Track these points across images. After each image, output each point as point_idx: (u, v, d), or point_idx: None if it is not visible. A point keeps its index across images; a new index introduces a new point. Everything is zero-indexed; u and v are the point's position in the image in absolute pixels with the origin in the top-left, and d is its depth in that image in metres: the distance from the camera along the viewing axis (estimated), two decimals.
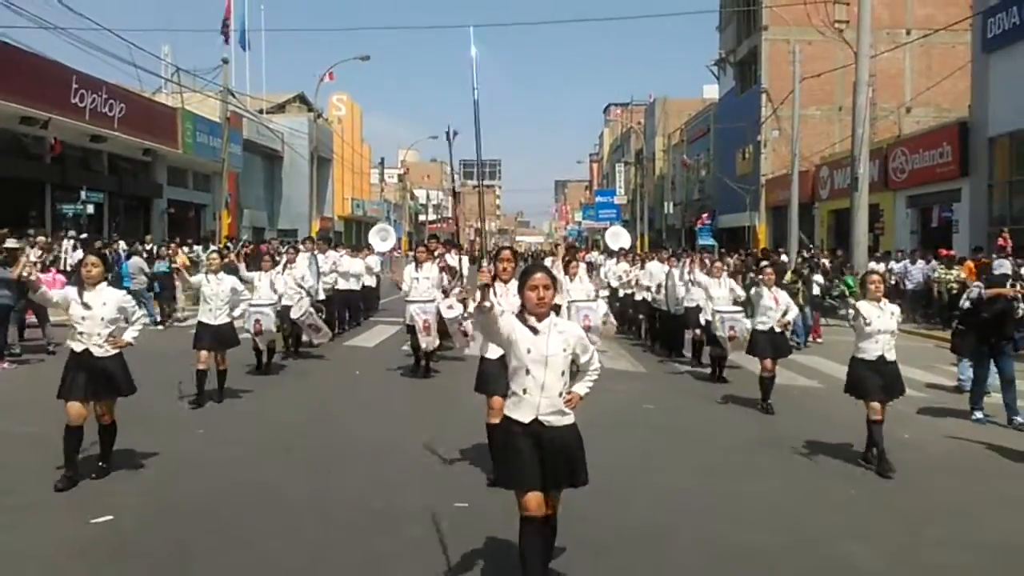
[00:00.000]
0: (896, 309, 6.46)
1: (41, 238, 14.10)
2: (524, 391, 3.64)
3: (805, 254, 19.75)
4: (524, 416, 3.63)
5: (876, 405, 6.20)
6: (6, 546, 4.39)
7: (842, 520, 5.16)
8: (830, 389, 9.73)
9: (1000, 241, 14.88)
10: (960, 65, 22.37)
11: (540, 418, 3.62)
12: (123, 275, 14.21)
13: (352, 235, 45.84)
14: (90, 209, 19.88)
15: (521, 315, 3.70)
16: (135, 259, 14.98)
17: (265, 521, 4.82)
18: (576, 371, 3.80)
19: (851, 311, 6.41)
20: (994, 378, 8.25)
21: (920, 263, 17.67)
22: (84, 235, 17.36)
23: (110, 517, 4.77)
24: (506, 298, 5.04)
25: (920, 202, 22.95)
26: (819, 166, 28.86)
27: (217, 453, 6.36)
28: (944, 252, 17.72)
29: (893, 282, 16.50)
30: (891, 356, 6.29)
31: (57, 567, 4.21)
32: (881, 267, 16.68)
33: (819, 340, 14.10)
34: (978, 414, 8.13)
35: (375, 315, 16.51)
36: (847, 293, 13.71)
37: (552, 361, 3.62)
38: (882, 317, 6.26)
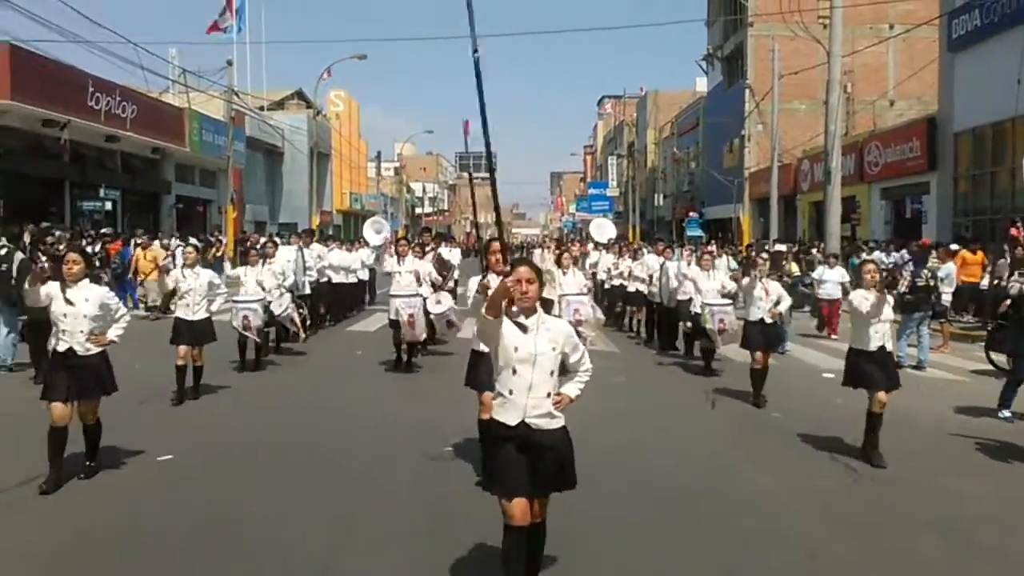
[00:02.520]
0: (890, 299, 6.49)
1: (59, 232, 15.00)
2: (510, 392, 3.52)
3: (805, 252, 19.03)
4: (511, 419, 3.52)
5: (881, 396, 6.18)
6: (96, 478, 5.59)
7: (760, 461, 6.37)
8: (784, 365, 10.93)
9: (1014, 231, 14.34)
10: (935, 59, 23.34)
11: (527, 421, 3.50)
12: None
13: (350, 229, 46.88)
14: (107, 205, 21.08)
15: (507, 311, 3.56)
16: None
17: (292, 462, 6.05)
18: (565, 371, 3.68)
19: (850, 300, 6.44)
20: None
21: None
22: (105, 230, 18.55)
23: (170, 456, 6.02)
24: None
25: (893, 194, 24.13)
26: (800, 159, 29.98)
27: (244, 417, 7.59)
28: (925, 242, 18.08)
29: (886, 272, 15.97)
30: (890, 346, 6.40)
31: (140, 488, 5.43)
32: (877, 256, 16.54)
33: (834, 336, 12.96)
34: (1006, 412, 7.83)
35: (370, 307, 17.43)
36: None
37: (540, 360, 3.50)
38: (880, 306, 6.22)
